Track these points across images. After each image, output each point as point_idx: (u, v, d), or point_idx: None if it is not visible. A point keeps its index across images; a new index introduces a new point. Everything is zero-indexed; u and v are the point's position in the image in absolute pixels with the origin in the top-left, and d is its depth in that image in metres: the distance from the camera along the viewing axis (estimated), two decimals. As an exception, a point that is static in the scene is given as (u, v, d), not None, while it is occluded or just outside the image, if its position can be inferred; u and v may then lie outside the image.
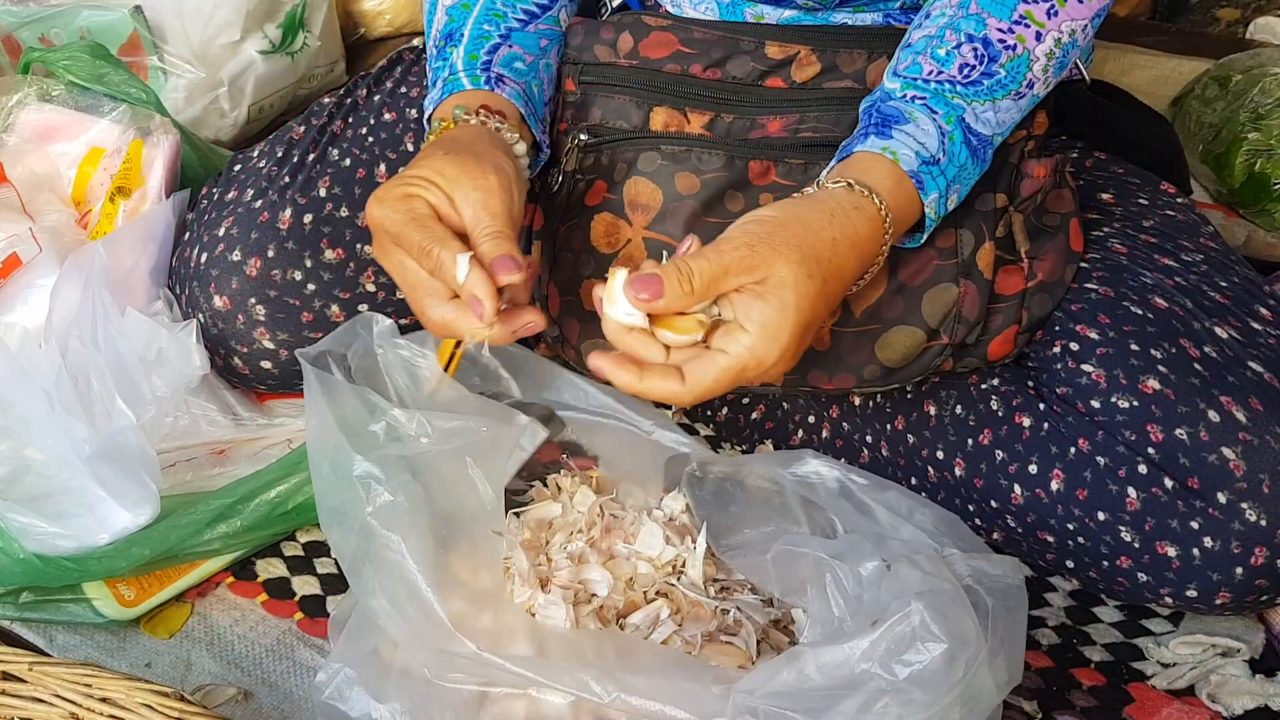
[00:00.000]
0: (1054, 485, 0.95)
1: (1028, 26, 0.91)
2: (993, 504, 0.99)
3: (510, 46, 1.01)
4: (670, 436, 1.00)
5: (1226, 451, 0.88)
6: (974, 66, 0.90)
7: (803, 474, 0.94)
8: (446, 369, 0.95)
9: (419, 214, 0.84)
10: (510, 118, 0.96)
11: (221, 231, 1.09)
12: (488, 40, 1.00)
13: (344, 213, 1.10)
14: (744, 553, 0.94)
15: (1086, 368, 0.95)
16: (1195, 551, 0.89)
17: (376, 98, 1.18)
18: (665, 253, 0.85)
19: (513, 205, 0.86)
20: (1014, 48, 0.91)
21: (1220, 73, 1.61)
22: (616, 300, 0.80)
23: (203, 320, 1.08)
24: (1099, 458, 0.93)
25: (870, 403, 1.08)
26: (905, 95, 0.90)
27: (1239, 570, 0.89)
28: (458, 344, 0.94)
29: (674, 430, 1.00)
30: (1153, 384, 0.92)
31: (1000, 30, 0.91)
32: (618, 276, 0.80)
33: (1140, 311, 0.96)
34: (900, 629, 0.76)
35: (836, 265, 0.82)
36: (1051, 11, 0.91)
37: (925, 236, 0.92)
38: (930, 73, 0.90)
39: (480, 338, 0.85)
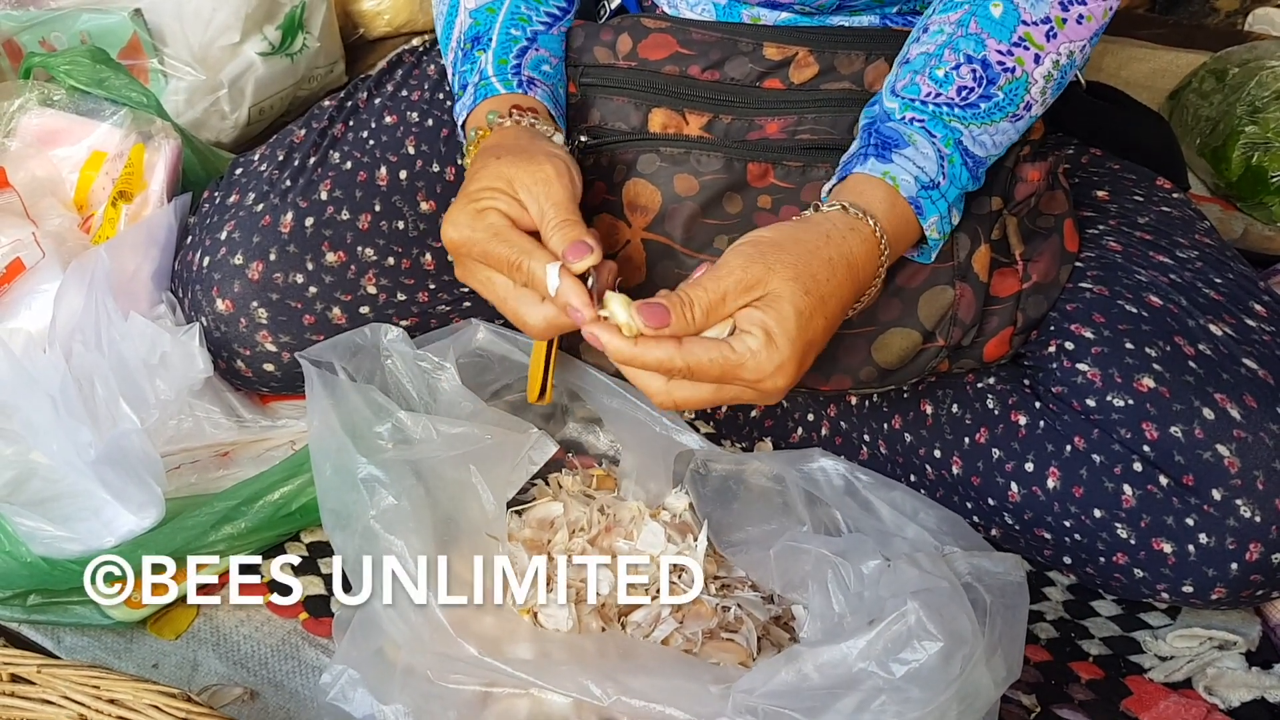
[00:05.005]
0: (1050, 483, 0.95)
1: (1027, 49, 0.90)
2: (990, 502, 1.00)
3: (537, 50, 1.02)
4: (681, 432, 1.01)
5: (1221, 448, 0.89)
6: (972, 89, 0.90)
7: (809, 470, 0.95)
8: (542, 396, 0.97)
9: (499, 228, 0.85)
10: (541, 115, 0.97)
11: (223, 235, 1.09)
12: (515, 44, 1.01)
13: (345, 216, 1.10)
14: (746, 549, 0.95)
15: (1082, 367, 0.95)
16: (1190, 548, 0.90)
17: (377, 100, 1.18)
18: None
19: (573, 188, 0.87)
20: (1012, 70, 0.90)
21: (1217, 66, 1.61)
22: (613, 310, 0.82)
23: (205, 324, 1.09)
24: (1095, 456, 0.93)
25: (867, 402, 1.09)
26: (904, 117, 0.90)
27: (1234, 566, 0.89)
28: (546, 368, 0.96)
29: (683, 426, 1.01)
30: (1147, 382, 0.92)
31: (999, 52, 0.90)
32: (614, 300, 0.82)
33: (1135, 310, 0.96)
34: (897, 628, 0.76)
35: (834, 285, 0.83)
36: (1051, 34, 0.91)
37: (935, 254, 0.92)
38: (929, 95, 0.90)
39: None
